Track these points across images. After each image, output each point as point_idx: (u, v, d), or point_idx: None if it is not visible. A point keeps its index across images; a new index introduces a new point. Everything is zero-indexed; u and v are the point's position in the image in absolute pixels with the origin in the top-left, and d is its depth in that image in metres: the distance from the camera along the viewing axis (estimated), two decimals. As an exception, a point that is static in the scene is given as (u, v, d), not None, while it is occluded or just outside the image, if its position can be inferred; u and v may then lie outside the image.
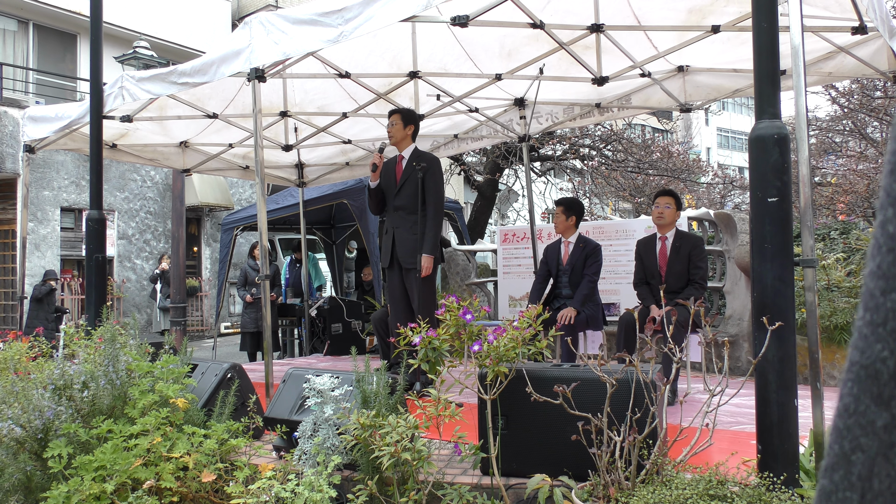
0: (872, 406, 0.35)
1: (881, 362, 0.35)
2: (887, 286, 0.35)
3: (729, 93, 5.86)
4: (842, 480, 0.36)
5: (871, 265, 0.36)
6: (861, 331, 0.36)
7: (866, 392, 0.35)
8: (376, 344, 6.25)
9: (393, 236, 5.02)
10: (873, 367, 0.35)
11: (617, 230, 7.21)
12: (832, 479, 0.36)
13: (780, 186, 2.58)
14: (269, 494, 2.76)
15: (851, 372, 0.36)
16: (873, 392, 0.35)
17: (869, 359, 0.35)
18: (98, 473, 2.91)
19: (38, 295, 10.16)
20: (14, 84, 14.11)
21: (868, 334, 0.36)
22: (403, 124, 5.05)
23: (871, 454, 0.34)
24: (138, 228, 15.03)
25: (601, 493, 2.56)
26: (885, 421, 0.34)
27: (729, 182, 18.25)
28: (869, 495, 0.34)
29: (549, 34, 4.75)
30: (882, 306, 0.35)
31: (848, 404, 0.36)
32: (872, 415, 0.35)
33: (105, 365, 3.39)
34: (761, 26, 2.65)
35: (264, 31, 4.16)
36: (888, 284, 0.35)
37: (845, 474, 0.36)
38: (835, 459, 0.36)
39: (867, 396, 0.35)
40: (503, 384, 2.87)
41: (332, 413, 3.19)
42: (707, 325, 3.06)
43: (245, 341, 9.23)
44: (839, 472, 0.36)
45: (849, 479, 0.35)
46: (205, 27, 16.34)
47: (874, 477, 0.34)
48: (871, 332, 0.35)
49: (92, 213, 5.20)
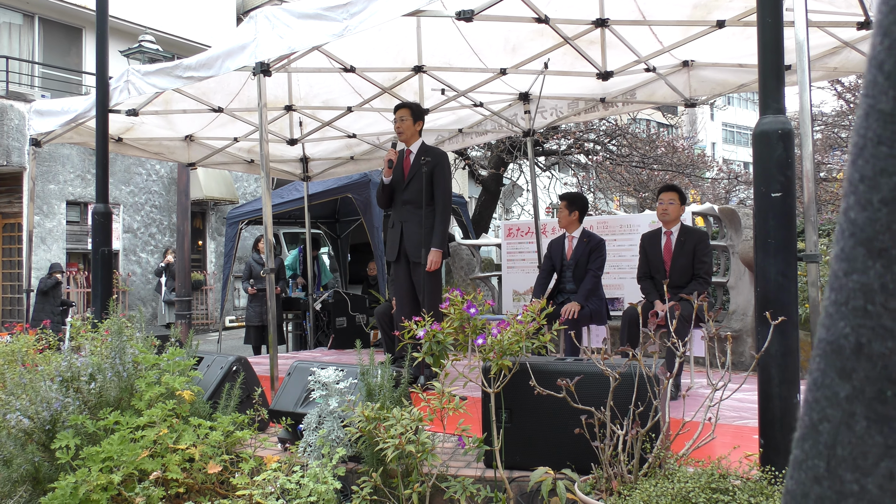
0: (837, 379, 0.37)
1: (844, 338, 0.37)
2: (849, 268, 0.37)
3: (734, 88, 5.84)
4: (811, 449, 0.38)
5: (836, 249, 0.39)
6: (827, 310, 0.39)
7: (831, 366, 0.38)
8: (380, 338, 6.27)
9: (401, 230, 5.03)
10: (837, 342, 0.37)
11: (621, 225, 7.21)
12: (802, 448, 0.39)
13: (784, 182, 2.59)
14: (275, 486, 2.79)
15: (819, 348, 0.39)
16: (837, 366, 0.37)
17: (833, 335, 0.38)
18: (105, 464, 2.94)
19: (43, 288, 10.21)
20: (20, 78, 14.14)
21: (833, 313, 0.38)
22: (413, 120, 5.04)
23: (836, 423, 0.37)
24: (143, 222, 15.07)
25: (604, 486, 2.57)
26: (846, 392, 0.37)
27: (734, 177, 18.20)
28: (833, 462, 0.37)
29: (553, 29, 4.75)
30: (845, 287, 0.37)
31: (816, 378, 0.39)
32: (836, 387, 0.37)
33: (112, 357, 3.41)
34: (766, 21, 2.65)
35: (269, 26, 4.17)
36: (850, 266, 0.37)
37: (814, 443, 0.38)
38: (805, 430, 0.39)
39: (832, 370, 0.38)
40: (507, 378, 2.89)
41: (337, 406, 3.21)
42: (710, 320, 3.07)
43: (249, 335, 9.27)
44: (808, 441, 0.39)
45: (816, 448, 0.38)
46: (210, 21, 16.34)
47: (838, 445, 0.37)
48: (835, 310, 0.38)
49: (98, 207, 5.23)
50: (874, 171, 0.36)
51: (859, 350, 0.36)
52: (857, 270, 0.37)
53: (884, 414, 0.35)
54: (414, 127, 5.05)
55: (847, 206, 0.38)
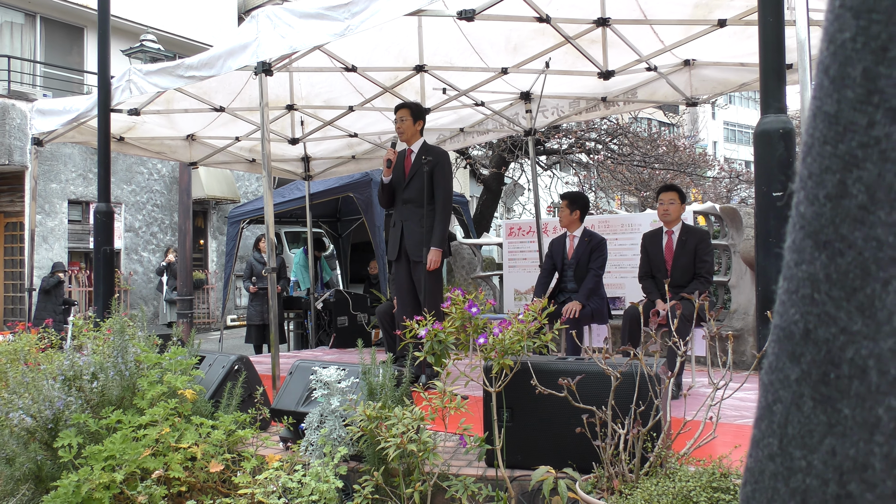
0: (788, 362, 0.40)
1: (794, 324, 0.40)
2: (799, 258, 0.40)
3: (735, 87, 5.84)
4: (766, 428, 0.41)
5: (788, 240, 0.41)
6: (780, 297, 0.41)
7: (784, 351, 0.40)
8: (381, 337, 6.27)
9: (402, 229, 5.03)
10: (789, 328, 0.40)
11: (622, 224, 7.21)
12: (760, 427, 0.42)
13: (785, 181, 2.59)
14: (277, 485, 2.79)
15: (774, 334, 0.41)
16: (788, 350, 0.40)
17: (786, 322, 0.40)
18: (108, 463, 2.95)
19: (46, 287, 10.23)
20: (21, 77, 14.16)
21: (785, 300, 0.41)
22: (413, 120, 5.05)
23: (787, 404, 0.40)
24: (145, 221, 15.08)
25: (605, 485, 2.58)
26: (796, 374, 0.39)
27: (735, 176, 18.17)
28: (785, 440, 0.40)
29: (555, 28, 4.75)
30: (795, 276, 0.40)
31: (771, 362, 0.42)
32: (788, 370, 0.40)
33: (114, 356, 3.42)
34: (767, 20, 2.65)
35: (271, 25, 4.17)
36: (800, 257, 0.40)
37: (769, 423, 0.41)
38: (762, 411, 0.42)
39: (784, 354, 0.40)
40: (508, 377, 2.89)
41: (339, 405, 3.22)
42: (712, 319, 3.07)
43: (250, 333, 9.28)
44: (764, 421, 0.42)
45: (771, 427, 0.41)
46: (211, 20, 16.35)
47: (788, 424, 0.40)
48: (787, 298, 0.41)
49: (100, 206, 5.23)
50: (820, 169, 0.39)
51: (807, 335, 0.39)
52: (806, 261, 0.39)
53: (827, 395, 0.38)
54: (414, 126, 5.06)
55: (798, 200, 0.40)
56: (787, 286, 0.41)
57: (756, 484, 0.42)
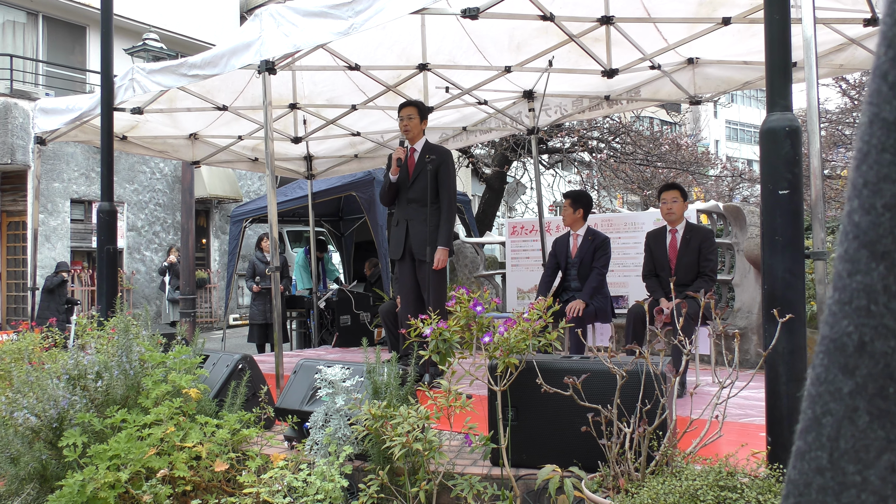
0: (840, 375, 0.39)
1: (847, 336, 0.39)
2: (852, 269, 0.39)
3: (739, 85, 5.83)
4: (813, 441, 0.40)
5: (840, 250, 0.40)
6: (831, 308, 0.40)
7: (834, 363, 0.39)
8: (384, 336, 6.26)
9: (406, 228, 5.02)
10: (840, 340, 0.39)
11: (625, 223, 7.21)
12: (805, 440, 0.41)
13: (792, 179, 2.58)
14: (282, 484, 2.79)
15: (822, 345, 0.41)
16: (840, 362, 0.39)
17: (837, 333, 0.39)
18: (112, 462, 2.95)
19: (49, 286, 10.23)
20: (24, 76, 14.16)
21: (836, 311, 0.40)
22: (420, 118, 5.04)
23: (839, 417, 0.39)
24: (147, 220, 15.09)
25: (611, 483, 2.57)
26: (850, 388, 0.38)
27: (738, 175, 18.14)
28: (836, 454, 0.39)
29: (558, 26, 4.74)
30: (848, 287, 0.39)
31: (819, 374, 0.40)
32: (840, 382, 0.39)
33: (118, 355, 3.42)
34: (773, 18, 2.64)
35: (274, 24, 4.16)
36: (854, 267, 0.39)
37: (816, 436, 0.40)
38: (808, 423, 0.41)
39: (835, 366, 0.39)
40: (513, 376, 2.89)
41: (344, 404, 3.21)
42: (717, 318, 3.07)
43: (253, 333, 9.27)
44: (811, 434, 0.40)
45: (819, 441, 0.40)
46: (213, 19, 16.35)
47: (840, 437, 0.39)
48: (839, 309, 0.40)
49: (103, 205, 5.23)
50: (877, 178, 0.38)
51: (862, 348, 0.38)
52: (861, 272, 0.38)
53: (886, 409, 0.37)
54: (420, 125, 5.05)
55: (851, 209, 0.40)
56: (838, 297, 0.40)
57: (800, 497, 0.41)
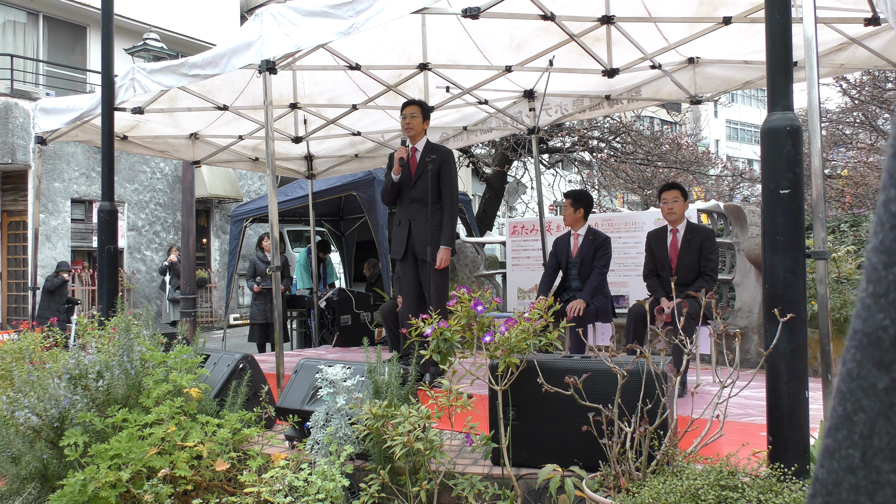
0: (874, 370, 0.37)
1: (883, 330, 0.37)
2: (889, 260, 0.37)
3: (739, 84, 5.83)
4: (845, 439, 0.39)
5: (875, 241, 0.39)
6: (864, 301, 0.39)
7: (868, 358, 0.38)
8: (385, 335, 6.27)
9: (409, 228, 5.02)
10: (875, 334, 0.38)
11: (626, 222, 7.21)
12: (836, 438, 0.39)
13: (793, 178, 2.58)
14: (283, 483, 2.79)
15: (855, 339, 0.39)
16: (875, 357, 0.37)
17: (871, 327, 0.38)
18: (113, 462, 2.95)
19: (50, 287, 10.24)
20: (24, 76, 14.17)
21: (871, 304, 0.38)
22: (423, 117, 5.04)
23: (872, 414, 0.37)
24: (148, 220, 15.10)
25: (612, 483, 2.57)
26: (885, 384, 0.37)
27: (738, 174, 18.15)
28: (869, 452, 0.37)
29: (559, 26, 4.74)
30: (884, 279, 0.38)
31: (851, 369, 0.39)
32: (874, 378, 0.37)
33: (119, 355, 3.42)
34: (774, 17, 2.64)
35: (275, 23, 4.16)
36: (890, 259, 0.37)
37: (848, 433, 0.38)
38: (838, 420, 0.39)
39: (869, 362, 0.38)
40: (514, 375, 2.89)
41: (345, 403, 3.22)
42: (718, 318, 3.07)
43: (254, 332, 9.28)
44: (842, 431, 0.39)
45: (851, 438, 0.38)
46: (213, 19, 16.35)
47: (875, 435, 0.37)
48: (873, 302, 0.38)
49: (104, 205, 5.23)
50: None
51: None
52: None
53: None
54: (423, 124, 5.06)
55: (887, 198, 0.38)
56: (872, 289, 0.38)
57: (829, 496, 0.39)
